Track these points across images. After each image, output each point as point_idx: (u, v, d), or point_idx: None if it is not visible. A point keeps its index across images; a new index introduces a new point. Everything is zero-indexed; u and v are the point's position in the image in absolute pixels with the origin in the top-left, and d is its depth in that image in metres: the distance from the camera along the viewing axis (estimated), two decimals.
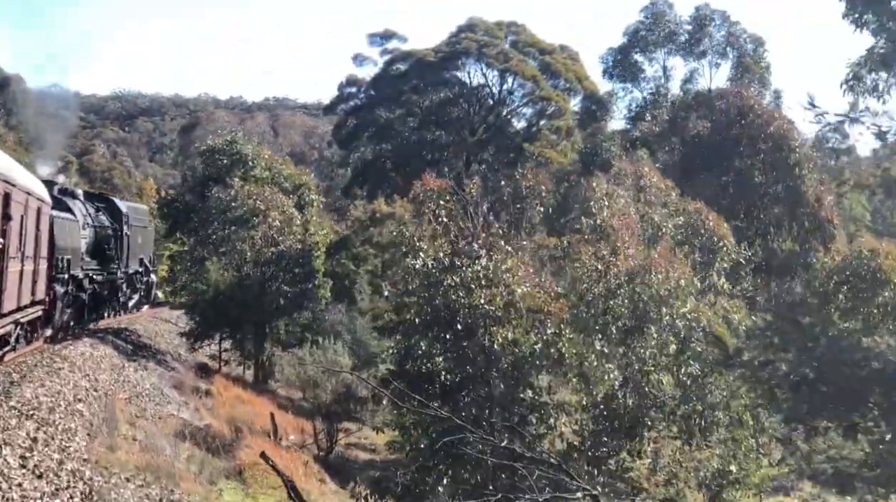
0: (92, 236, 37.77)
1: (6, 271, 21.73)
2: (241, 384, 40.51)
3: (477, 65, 76.20)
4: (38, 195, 26.11)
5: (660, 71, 68.44)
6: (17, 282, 23.37)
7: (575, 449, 24.99)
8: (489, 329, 23.98)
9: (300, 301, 42.17)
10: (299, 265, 42.37)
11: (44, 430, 18.83)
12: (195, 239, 43.47)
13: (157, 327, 48.57)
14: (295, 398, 45.78)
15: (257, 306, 40.25)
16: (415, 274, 26.28)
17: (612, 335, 25.00)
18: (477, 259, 24.59)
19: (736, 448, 26.51)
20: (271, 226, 41.94)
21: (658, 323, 25.65)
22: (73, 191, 38.84)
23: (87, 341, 34.06)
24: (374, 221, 61.90)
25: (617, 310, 25.23)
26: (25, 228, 23.71)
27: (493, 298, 23.70)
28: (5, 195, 21.22)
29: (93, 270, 37.72)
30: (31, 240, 24.74)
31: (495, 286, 23.80)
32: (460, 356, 24.53)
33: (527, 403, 24.62)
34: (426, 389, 23.16)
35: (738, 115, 50.90)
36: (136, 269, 48.69)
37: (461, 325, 24.34)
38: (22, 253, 23.52)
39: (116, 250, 41.90)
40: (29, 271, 24.94)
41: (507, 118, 77.97)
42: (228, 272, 40.65)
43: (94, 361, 29.70)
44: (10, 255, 21.95)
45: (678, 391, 26.05)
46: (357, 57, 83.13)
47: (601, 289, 25.55)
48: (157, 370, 36.63)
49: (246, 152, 46.22)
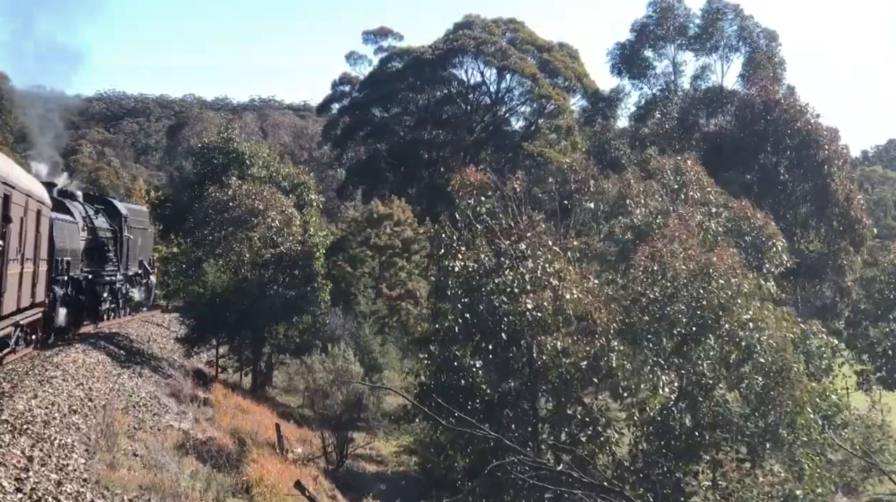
0: (91, 238, 37.60)
1: (6, 273, 21.72)
2: (240, 391, 38.87)
3: (475, 62, 74.71)
4: (37, 197, 26.02)
5: (670, 66, 66.18)
6: (17, 285, 23.35)
7: (627, 470, 23.01)
8: (537, 338, 21.96)
9: (300, 304, 40.43)
10: (299, 267, 40.70)
11: (39, 447, 17.48)
12: (191, 240, 41.63)
13: (149, 331, 46.92)
14: (293, 405, 44.21)
15: (256, 310, 38.50)
16: (453, 277, 24.20)
17: (666, 344, 22.96)
18: (522, 261, 22.48)
19: (801, 469, 24.19)
20: (270, 226, 40.29)
21: (718, 331, 23.54)
22: (73, 193, 38.66)
23: (78, 347, 32.62)
24: (371, 222, 60.33)
25: (674, 316, 23.20)
26: (25, 230, 23.73)
27: (540, 303, 21.67)
28: (5, 197, 21.16)
29: (92, 272, 37.50)
30: (30, 242, 24.75)
31: (541, 290, 21.66)
32: (504, 368, 22.48)
33: (577, 420, 22.58)
34: (465, 404, 21.05)
35: (763, 110, 49.08)
36: (136, 271, 48.02)
37: (506, 334, 22.27)
38: (22, 255, 23.46)
39: (116, 252, 41.62)
40: (28, 273, 24.86)
41: (505, 117, 76.44)
42: (226, 274, 38.93)
43: (87, 368, 28.48)
44: (10, 257, 21.88)
45: (744, 407, 23.89)
46: (351, 55, 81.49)
47: (657, 294, 23.51)
48: (153, 377, 35.09)
49: (243, 150, 44.51)
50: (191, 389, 35.03)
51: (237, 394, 37.01)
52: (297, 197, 44.59)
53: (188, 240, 42.28)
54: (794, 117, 48.04)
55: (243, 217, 39.93)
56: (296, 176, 46.74)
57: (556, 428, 22.63)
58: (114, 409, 24.89)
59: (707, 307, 23.33)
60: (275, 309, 39.31)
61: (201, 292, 38.25)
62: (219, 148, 44.87)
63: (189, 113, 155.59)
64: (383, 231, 59.80)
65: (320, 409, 32.78)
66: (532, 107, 74.60)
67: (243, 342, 40.12)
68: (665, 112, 57.91)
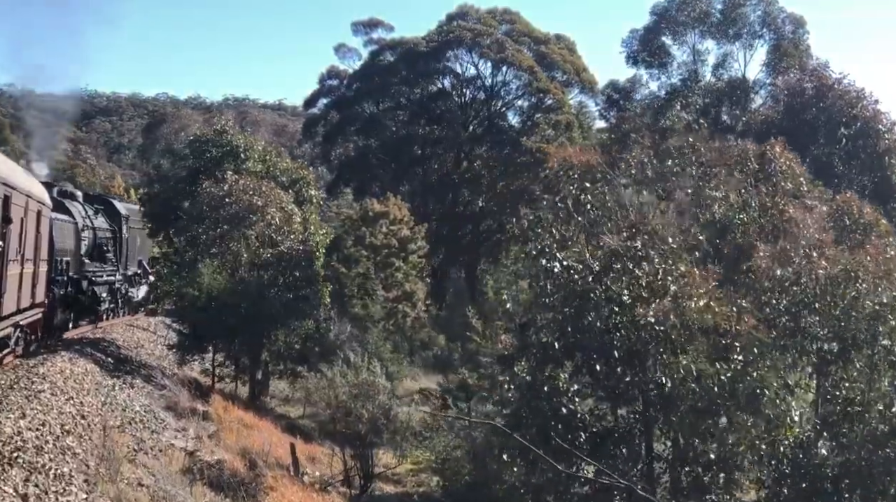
0: (91, 238, 37.51)
1: (6, 274, 21.78)
2: (239, 403, 35.90)
3: (469, 55, 71.74)
4: (37, 197, 26.09)
5: (690, 55, 62.00)
6: (17, 285, 23.49)
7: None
8: (661, 357, 18.28)
9: (301, 308, 37.50)
10: (300, 268, 37.79)
11: (34, 481, 15.09)
12: (185, 239, 38.52)
13: (135, 336, 44.01)
14: (293, 415, 41.35)
15: (254, 314, 35.51)
16: (551, 280, 20.58)
17: (802, 363, 19.49)
18: (638, 262, 19.16)
19: None
20: (269, 224, 37.35)
21: (870, 346, 19.79)
22: (73, 193, 38.49)
23: (64, 355, 29.86)
24: (366, 220, 57.40)
25: (811, 329, 19.91)
26: (25, 231, 23.88)
27: (665, 314, 17.90)
28: (5, 198, 21.19)
29: (92, 272, 37.26)
30: (30, 243, 24.90)
31: (661, 298, 18.33)
32: (615, 394, 19.07)
33: (706, 460, 18.73)
34: (566, 438, 17.34)
35: (814, 96, 45.85)
36: (136, 271, 47.83)
37: (620, 352, 18.60)
38: (22, 255, 23.58)
39: (115, 252, 41.45)
40: (28, 274, 25.02)
41: (501, 111, 73.43)
42: (222, 276, 35.95)
43: (76, 380, 26.09)
44: (10, 258, 21.94)
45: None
46: (340, 48, 78.34)
47: (787, 303, 20.09)
48: (146, 388, 32.37)
49: (237, 143, 41.47)
50: (188, 401, 32.33)
51: (237, 407, 34.11)
52: (295, 193, 41.57)
53: (181, 239, 39.15)
54: (851, 104, 44.98)
55: (241, 214, 36.98)
56: (294, 170, 43.69)
57: (675, 469, 19.03)
58: (110, 428, 22.20)
59: (859, 318, 19.87)
60: (275, 312, 36.31)
61: (196, 295, 35.25)
62: (212, 140, 41.78)
63: (164, 110, 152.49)
64: (379, 229, 56.93)
65: (343, 428, 29.52)
66: (530, 101, 71.59)
67: (241, 349, 37.06)
68: (687, 104, 54.52)
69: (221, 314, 35.02)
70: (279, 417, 38.77)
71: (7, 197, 21.37)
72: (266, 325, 36.62)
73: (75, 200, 37.05)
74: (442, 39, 70.71)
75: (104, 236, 39.62)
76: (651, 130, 42.00)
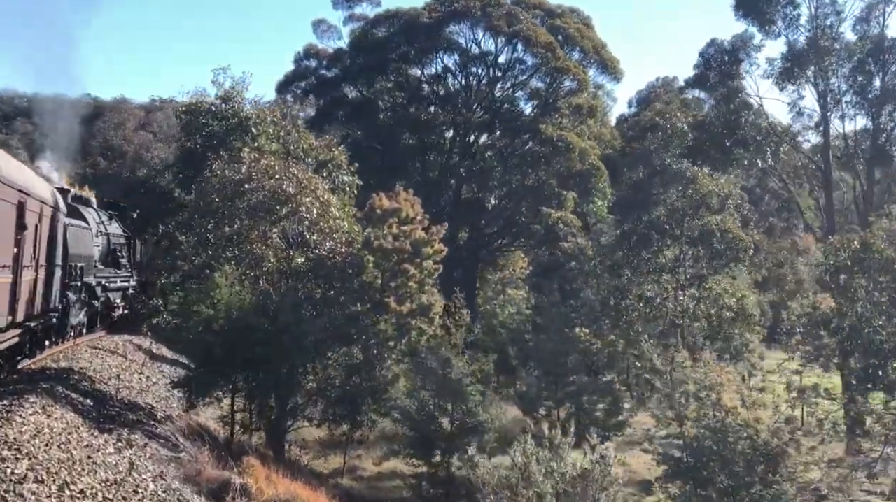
0: (105, 244, 36.79)
1: (20, 279, 21.88)
2: (269, 461, 26.36)
3: (470, 31, 62.42)
4: (52, 203, 26.09)
5: (816, 6, 48.69)
6: (31, 290, 23.54)
7: None
8: None
9: (348, 332, 28.16)
10: (347, 278, 28.48)
11: None
12: (194, 238, 28.62)
13: (106, 364, 34.08)
14: (325, 471, 31.98)
15: (287, 341, 26.00)
16: None
17: None
18: None
19: None
20: (302, 218, 27.93)
21: None
22: (87, 199, 37.15)
23: (35, 402, 21.31)
24: (372, 220, 47.73)
25: None
26: (40, 236, 24.15)
27: None
28: (20, 204, 21.43)
29: (106, 278, 36.28)
30: (44, 249, 24.99)
31: None
32: None
33: None
34: None
35: None
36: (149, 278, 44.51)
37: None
38: (36, 261, 23.82)
39: (129, 258, 40.09)
40: (42, 279, 24.97)
41: (513, 94, 63.96)
42: (243, 288, 26.38)
43: (61, 443, 18.83)
44: (25, 264, 22.13)
45: None
46: (319, 24, 68.58)
47: None
48: (149, 446, 23.29)
49: (247, 115, 31.82)
50: (214, 468, 22.80)
51: (277, 470, 24.53)
52: (323, 178, 32.06)
53: (188, 237, 29.13)
54: None
55: (266, 204, 27.41)
56: (321, 149, 34.03)
57: None
58: None
59: None
60: (317, 339, 26.83)
61: (212, 314, 25.60)
62: (213, 112, 31.99)
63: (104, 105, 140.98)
64: (389, 231, 47.23)
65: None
66: (545, 82, 62.28)
67: (266, 388, 27.31)
68: (823, 68, 44.19)
69: (245, 340, 25.51)
70: (313, 475, 29.30)
71: (22, 203, 21.48)
72: (303, 357, 27.06)
73: (90, 206, 36.03)
74: (445, 10, 60.99)
75: (118, 242, 38.74)
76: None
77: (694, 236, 40.19)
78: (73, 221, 30.63)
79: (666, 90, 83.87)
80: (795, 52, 47.12)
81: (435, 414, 28.85)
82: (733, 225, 39.52)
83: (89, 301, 33.91)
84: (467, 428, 28.52)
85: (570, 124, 61.36)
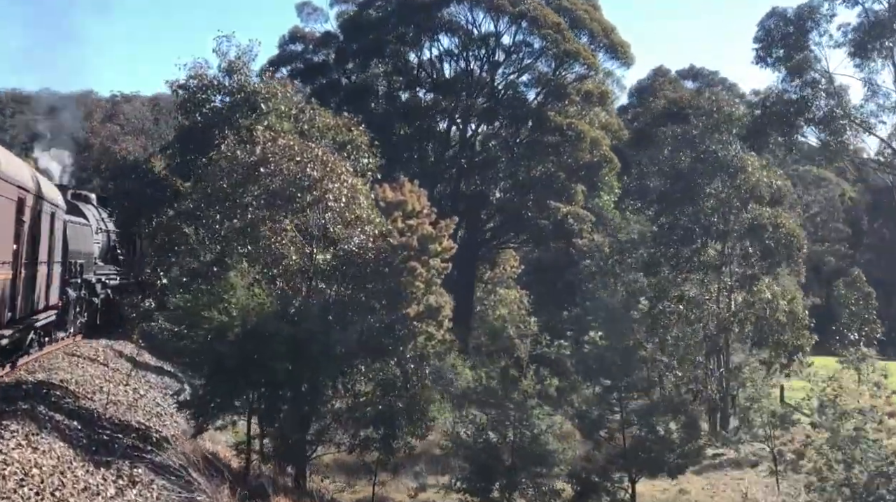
0: (105, 240, 36.88)
1: (20, 276, 21.75)
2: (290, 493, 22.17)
3: (468, 12, 58.41)
4: (51, 199, 25.60)
5: None
6: (31, 287, 23.35)
7: None
8: None
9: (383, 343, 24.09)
10: (381, 278, 24.43)
11: None
12: (204, 230, 24.25)
13: (87, 374, 29.86)
14: None
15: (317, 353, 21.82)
16: None
17: None
18: None
19: None
20: (328, 208, 23.75)
21: None
22: (87, 196, 37.01)
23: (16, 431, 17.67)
24: None
25: None
26: (39, 233, 23.80)
27: None
28: (20, 201, 21.23)
29: (106, 275, 36.21)
30: (44, 245, 24.59)
31: None
32: None
33: None
34: None
35: None
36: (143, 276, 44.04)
37: None
38: (36, 258, 23.44)
39: (129, 255, 39.97)
40: (43, 275, 24.79)
41: (518, 79, 59.90)
42: (261, 290, 22.14)
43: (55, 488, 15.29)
44: (24, 260, 21.72)
45: None
46: (304, 7, 64.44)
47: None
48: (155, 483, 19.32)
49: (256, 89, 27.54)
50: None
51: None
52: None
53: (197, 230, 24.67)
54: None
55: (287, 191, 23.19)
56: (340, 129, 29.77)
57: None
58: None
59: None
60: (348, 351, 22.67)
61: (226, 321, 21.30)
62: (216, 86, 27.69)
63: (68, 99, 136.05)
64: (394, 225, 43.04)
65: None
66: (551, 66, 58.21)
67: (290, 408, 23.04)
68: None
69: (264, 352, 21.32)
70: None
71: (21, 199, 21.30)
72: (331, 370, 22.86)
73: (89, 203, 35.93)
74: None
75: (118, 239, 38.78)
76: None
77: (742, 231, 36.56)
78: (72, 218, 30.70)
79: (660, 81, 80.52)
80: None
81: (496, 443, 24.78)
82: (787, 220, 35.94)
83: (89, 298, 33.72)
84: (533, 458, 24.47)
85: (577, 112, 57.60)
